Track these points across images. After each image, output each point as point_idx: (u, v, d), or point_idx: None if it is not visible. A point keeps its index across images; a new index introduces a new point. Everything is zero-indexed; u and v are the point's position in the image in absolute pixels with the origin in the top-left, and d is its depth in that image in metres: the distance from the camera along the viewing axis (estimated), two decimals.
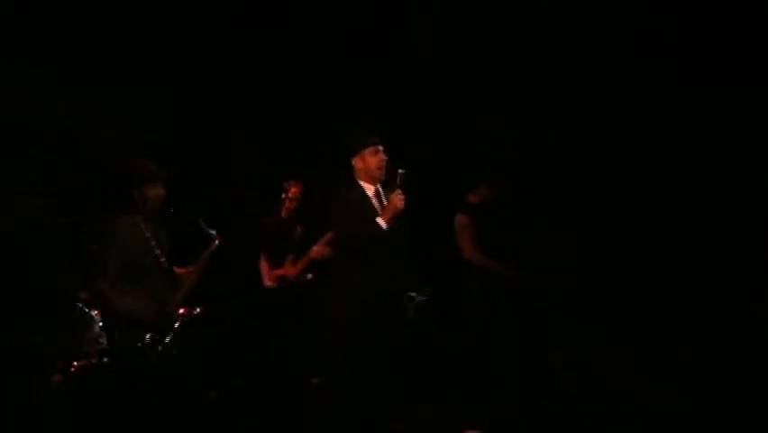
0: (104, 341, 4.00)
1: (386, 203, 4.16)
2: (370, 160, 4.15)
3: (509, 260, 5.27)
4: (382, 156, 4.16)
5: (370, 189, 4.20)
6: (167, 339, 3.68)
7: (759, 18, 5.24)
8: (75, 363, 3.89)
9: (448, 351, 5.40)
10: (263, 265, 5.63)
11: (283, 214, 5.66)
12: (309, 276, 5.57)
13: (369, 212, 4.11)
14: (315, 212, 5.32)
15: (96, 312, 4.09)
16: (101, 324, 4.01)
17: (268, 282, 5.56)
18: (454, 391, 4.92)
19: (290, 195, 5.62)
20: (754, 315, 4.92)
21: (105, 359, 3.86)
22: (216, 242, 4.10)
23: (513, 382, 4.95)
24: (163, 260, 3.83)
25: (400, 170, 4.08)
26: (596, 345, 5.22)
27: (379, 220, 4.03)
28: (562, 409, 4.61)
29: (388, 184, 4.19)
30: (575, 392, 4.79)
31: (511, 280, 5.22)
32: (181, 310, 3.90)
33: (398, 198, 4.02)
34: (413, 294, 4.52)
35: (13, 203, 5.11)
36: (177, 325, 3.77)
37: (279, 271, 5.59)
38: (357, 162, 4.20)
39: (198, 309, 4.01)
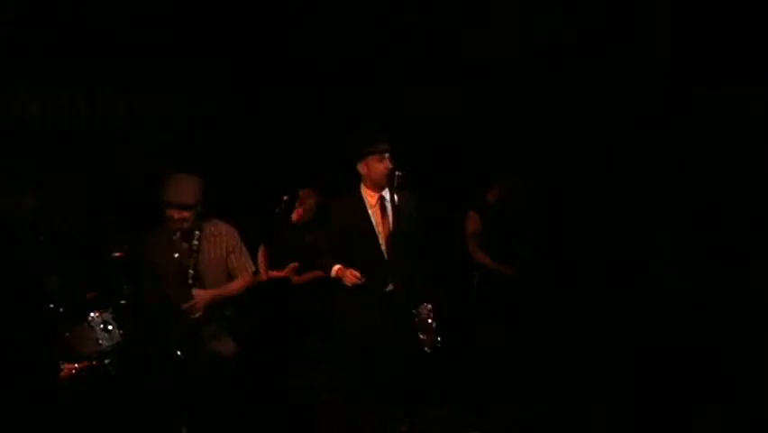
0: (104, 343, 4.02)
1: (389, 209, 4.08)
2: (376, 167, 4.02)
3: (514, 259, 5.27)
4: (388, 163, 4.01)
5: (372, 197, 4.10)
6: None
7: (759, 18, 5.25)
8: (76, 365, 3.89)
9: (450, 351, 5.41)
10: (261, 258, 5.54)
11: (294, 218, 5.54)
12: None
13: (361, 228, 4.05)
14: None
15: (96, 313, 4.09)
16: (101, 325, 4.03)
17: (264, 276, 5.48)
18: (455, 392, 4.93)
19: (302, 200, 5.53)
20: (752, 319, 4.93)
21: (107, 360, 3.87)
22: None
23: (513, 382, 4.96)
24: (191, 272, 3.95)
25: (398, 173, 4.01)
26: (596, 345, 5.23)
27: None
28: (562, 409, 4.61)
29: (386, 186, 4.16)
30: (575, 393, 4.79)
31: (513, 280, 5.23)
32: None
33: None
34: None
35: (14, 203, 5.11)
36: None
37: (280, 274, 5.44)
38: (362, 168, 4.07)
39: None
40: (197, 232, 3.99)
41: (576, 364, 5.10)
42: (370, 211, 4.08)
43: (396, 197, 4.04)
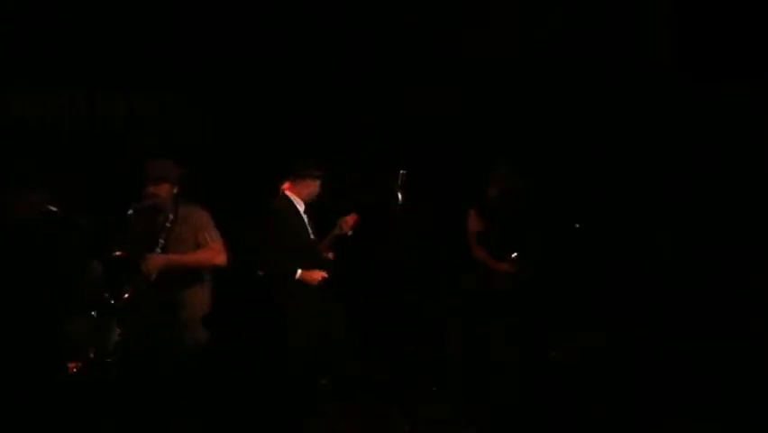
0: (112, 336, 4.01)
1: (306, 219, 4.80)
2: (312, 186, 4.84)
3: (516, 256, 5.26)
4: (318, 188, 4.87)
5: (301, 205, 4.84)
6: None
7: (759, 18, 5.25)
8: (80, 363, 3.89)
9: (450, 351, 5.42)
10: None
11: None
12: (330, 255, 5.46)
13: (302, 231, 4.79)
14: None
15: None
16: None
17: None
18: (455, 392, 4.93)
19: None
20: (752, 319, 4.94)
21: (108, 359, 3.87)
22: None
23: (513, 382, 4.96)
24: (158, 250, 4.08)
25: (402, 171, 4.13)
26: (596, 345, 5.23)
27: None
28: (562, 409, 4.61)
29: (390, 185, 4.26)
30: (575, 392, 4.79)
31: (512, 279, 5.21)
32: None
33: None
34: None
35: (19, 203, 5.09)
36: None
37: None
38: (300, 183, 4.85)
39: None
40: (171, 216, 4.13)
41: (575, 363, 5.10)
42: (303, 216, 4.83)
43: (400, 195, 4.21)
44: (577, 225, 5.34)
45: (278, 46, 6.25)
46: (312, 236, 4.82)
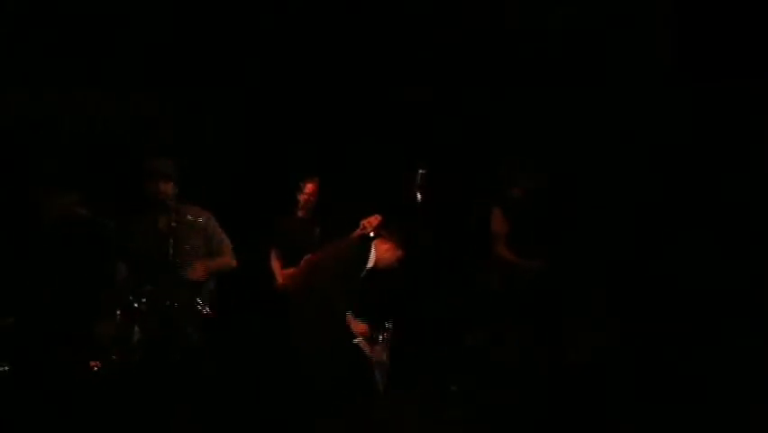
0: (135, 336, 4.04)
1: None
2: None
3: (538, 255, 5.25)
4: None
5: None
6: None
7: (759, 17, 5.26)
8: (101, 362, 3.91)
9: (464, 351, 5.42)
10: (274, 264, 5.56)
11: (300, 213, 5.61)
12: None
13: None
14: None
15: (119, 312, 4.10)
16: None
17: (281, 281, 5.50)
18: (466, 391, 4.93)
19: (306, 191, 5.57)
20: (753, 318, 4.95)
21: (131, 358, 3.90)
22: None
23: (526, 381, 4.96)
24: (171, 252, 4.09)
25: (421, 171, 4.15)
26: (608, 345, 5.23)
27: None
28: (577, 408, 4.62)
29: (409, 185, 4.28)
30: (588, 392, 4.79)
31: (533, 279, 5.20)
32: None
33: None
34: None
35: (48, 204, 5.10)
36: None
37: (292, 271, 5.42)
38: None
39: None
40: (174, 215, 4.22)
41: (584, 365, 5.10)
42: None
43: (419, 195, 4.21)
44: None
45: (278, 46, 6.24)
46: None
